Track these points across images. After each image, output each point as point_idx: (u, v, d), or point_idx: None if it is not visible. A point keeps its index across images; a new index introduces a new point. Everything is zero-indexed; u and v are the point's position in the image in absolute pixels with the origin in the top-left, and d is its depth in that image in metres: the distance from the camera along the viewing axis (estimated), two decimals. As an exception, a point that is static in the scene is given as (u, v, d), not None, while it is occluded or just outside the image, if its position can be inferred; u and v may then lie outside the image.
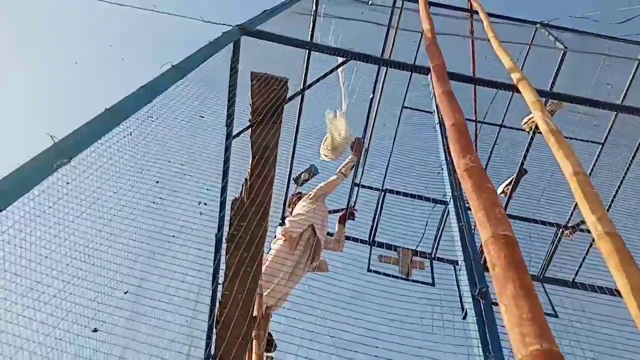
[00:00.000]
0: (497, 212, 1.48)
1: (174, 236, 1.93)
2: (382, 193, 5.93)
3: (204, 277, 3.22)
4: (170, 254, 2.34)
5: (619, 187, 5.03)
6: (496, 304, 1.59)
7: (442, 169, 2.26)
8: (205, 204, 2.22)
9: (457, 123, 2.04)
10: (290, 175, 6.08)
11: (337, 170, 5.36)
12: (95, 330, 1.40)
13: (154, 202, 1.87)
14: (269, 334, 4.22)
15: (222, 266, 3.56)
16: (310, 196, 5.14)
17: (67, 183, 1.56)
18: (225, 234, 3.63)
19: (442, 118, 2.63)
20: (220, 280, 3.61)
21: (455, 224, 1.85)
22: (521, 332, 1.13)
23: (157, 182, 1.92)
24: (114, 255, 1.87)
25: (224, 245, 3.60)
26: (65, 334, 1.28)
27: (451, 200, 1.97)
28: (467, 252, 1.68)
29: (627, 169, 5.06)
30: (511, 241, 1.39)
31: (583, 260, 5.38)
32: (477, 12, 4.89)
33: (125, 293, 1.65)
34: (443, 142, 2.38)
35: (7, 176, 1.52)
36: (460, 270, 1.64)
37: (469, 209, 1.90)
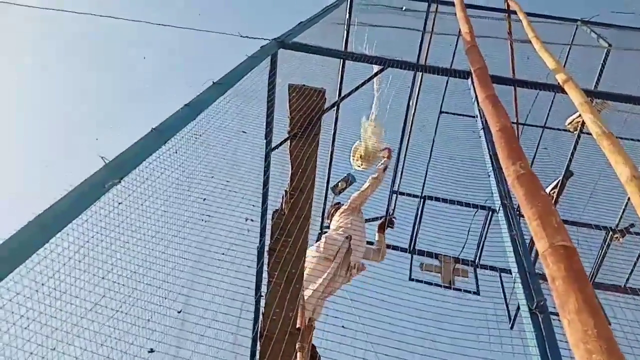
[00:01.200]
0: (553, 221, 1.43)
1: (223, 254, 1.95)
2: (422, 200, 5.86)
3: (246, 291, 3.24)
4: (214, 269, 2.37)
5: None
6: (554, 314, 1.53)
7: (489, 175, 2.20)
8: (252, 220, 2.23)
9: (503, 128, 1.98)
10: (327, 184, 6.09)
11: (370, 177, 5.29)
12: (151, 350, 1.42)
13: (202, 220, 1.89)
14: (313, 346, 4.20)
15: (264, 279, 3.57)
16: (345, 208, 5.10)
17: (119, 203, 1.59)
18: (266, 246, 3.64)
19: (486, 123, 2.57)
20: (263, 292, 3.62)
21: (507, 233, 1.79)
22: (587, 349, 1.08)
23: (205, 199, 1.94)
24: (165, 274, 1.90)
25: (266, 257, 3.62)
26: (123, 355, 1.30)
27: (501, 208, 1.92)
28: (522, 263, 1.63)
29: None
30: (570, 252, 1.33)
31: (635, 264, 5.15)
32: (514, 12, 4.78)
33: (179, 312, 1.67)
34: (488, 147, 2.32)
35: (61, 199, 1.57)
36: (515, 282, 1.59)
37: (520, 216, 1.84)
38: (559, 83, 2.65)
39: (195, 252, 2.20)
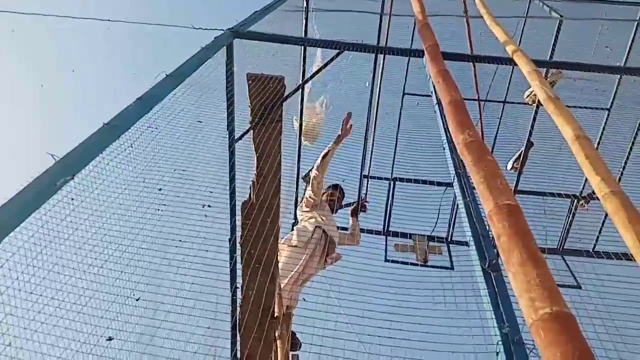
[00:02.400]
0: (498, 183, 1.47)
1: (180, 240, 1.95)
2: (392, 182, 5.92)
3: (222, 285, 3.24)
4: (185, 264, 2.36)
5: (630, 151, 4.95)
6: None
7: (444, 148, 2.25)
8: (209, 206, 2.23)
9: (453, 101, 2.02)
10: (298, 174, 6.09)
11: (314, 167, 5.15)
12: (110, 338, 1.42)
13: (158, 209, 1.88)
14: (293, 333, 4.23)
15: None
16: (305, 203, 5.06)
17: (72, 199, 1.58)
18: (238, 238, 3.64)
19: (439, 98, 2.62)
20: (239, 284, 3.63)
21: (462, 201, 1.84)
22: (530, 298, 1.12)
23: (160, 189, 1.93)
24: (127, 266, 1.89)
25: (239, 250, 3.61)
26: (81, 345, 1.30)
27: (455, 178, 1.96)
28: (475, 227, 1.67)
29: (637, 132, 4.98)
30: (514, 209, 1.37)
31: (600, 229, 5.32)
32: (468, -10, 4.84)
33: (137, 300, 1.67)
34: (443, 121, 2.36)
35: (12, 198, 1.54)
36: (469, 245, 1.64)
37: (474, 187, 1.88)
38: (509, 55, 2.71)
39: (162, 244, 2.19)
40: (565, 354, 0.96)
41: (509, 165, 5.60)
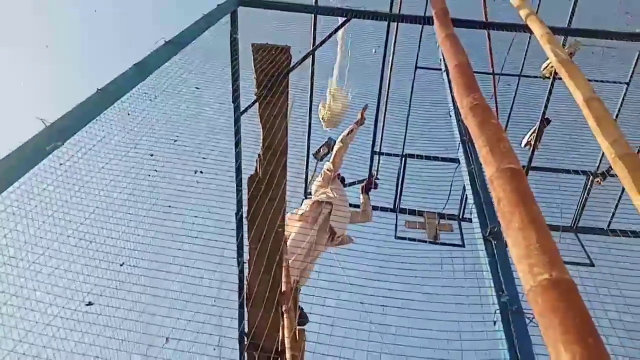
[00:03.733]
0: (501, 147, 1.39)
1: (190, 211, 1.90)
2: (403, 158, 5.82)
3: (229, 258, 3.22)
4: (191, 238, 2.33)
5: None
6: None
7: (450, 115, 2.16)
8: (201, 172, 2.18)
9: (460, 64, 1.93)
10: (308, 148, 6.03)
11: (338, 139, 5.22)
12: (90, 303, 1.39)
13: (149, 175, 1.84)
14: (300, 308, 4.21)
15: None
16: (321, 182, 5.05)
17: (60, 164, 1.54)
18: (245, 213, 3.61)
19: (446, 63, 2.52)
20: (246, 258, 3.61)
21: (466, 168, 1.76)
22: (529, 264, 1.06)
23: (152, 155, 1.89)
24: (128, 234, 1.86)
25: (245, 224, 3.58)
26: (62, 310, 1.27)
27: (460, 145, 1.88)
28: (478, 193, 1.60)
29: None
30: (516, 173, 1.29)
31: (616, 206, 5.17)
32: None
33: (121, 265, 1.64)
34: (450, 89, 2.27)
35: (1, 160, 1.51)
36: (471, 212, 1.57)
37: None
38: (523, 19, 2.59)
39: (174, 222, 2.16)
40: (564, 321, 0.90)
41: (524, 142, 5.46)
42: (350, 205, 5.31)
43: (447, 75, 2.35)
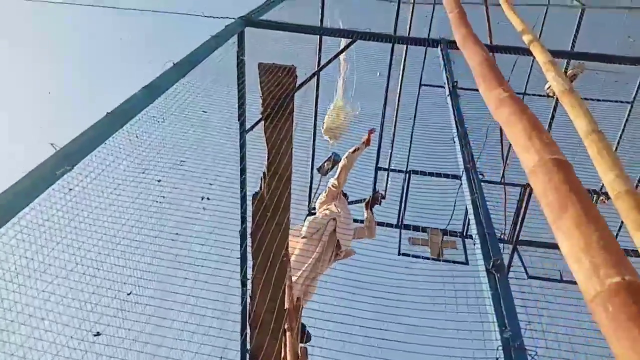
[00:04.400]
0: (544, 137, 1.33)
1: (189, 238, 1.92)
2: (407, 175, 5.83)
3: (232, 273, 3.22)
4: (194, 255, 2.34)
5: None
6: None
7: (454, 140, 2.17)
8: (208, 198, 2.20)
9: (484, 59, 1.92)
10: (313, 164, 6.05)
11: (344, 156, 5.26)
12: (97, 334, 1.40)
13: (156, 201, 1.86)
14: (302, 325, 4.21)
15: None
16: (325, 197, 5.09)
17: (70, 190, 1.56)
18: (249, 229, 3.62)
19: (453, 89, 2.54)
20: (249, 275, 3.62)
21: (469, 197, 1.77)
22: (592, 262, 0.94)
23: (159, 180, 1.91)
24: (131, 260, 1.87)
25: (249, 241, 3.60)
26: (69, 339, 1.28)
27: (464, 172, 1.89)
28: (481, 224, 1.61)
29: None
30: (565, 164, 1.23)
31: (620, 227, 5.15)
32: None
33: (128, 294, 1.65)
34: (454, 113, 2.28)
35: (11, 187, 1.54)
36: (474, 243, 1.58)
37: (482, 182, 1.82)
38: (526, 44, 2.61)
39: (175, 241, 2.17)
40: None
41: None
42: (354, 220, 5.32)
43: (452, 98, 2.37)
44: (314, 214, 5.12)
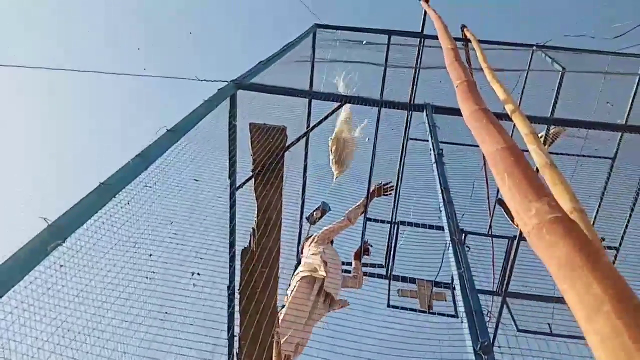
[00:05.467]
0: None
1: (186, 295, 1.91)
2: (395, 225, 5.87)
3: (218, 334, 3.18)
4: (182, 312, 2.32)
5: (634, 205, 4.87)
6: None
7: (440, 210, 2.22)
8: (198, 274, 2.21)
9: (509, 147, 1.65)
10: (302, 215, 6.08)
11: (346, 213, 5.34)
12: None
13: (147, 277, 1.87)
14: (291, 382, 4.13)
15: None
16: (315, 240, 5.11)
17: (61, 266, 1.57)
18: (237, 286, 3.62)
19: (439, 156, 2.62)
20: (236, 332, 3.58)
21: (455, 271, 1.80)
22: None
23: (150, 254, 1.93)
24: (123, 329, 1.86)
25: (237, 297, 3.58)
26: None
27: (449, 244, 1.93)
28: (468, 302, 1.63)
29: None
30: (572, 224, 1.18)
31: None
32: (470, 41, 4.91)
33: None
34: (440, 181, 2.34)
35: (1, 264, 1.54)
36: (462, 321, 1.59)
37: (469, 233, 1.85)
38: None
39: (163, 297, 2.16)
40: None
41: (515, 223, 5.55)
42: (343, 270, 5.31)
43: (437, 166, 2.43)
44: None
